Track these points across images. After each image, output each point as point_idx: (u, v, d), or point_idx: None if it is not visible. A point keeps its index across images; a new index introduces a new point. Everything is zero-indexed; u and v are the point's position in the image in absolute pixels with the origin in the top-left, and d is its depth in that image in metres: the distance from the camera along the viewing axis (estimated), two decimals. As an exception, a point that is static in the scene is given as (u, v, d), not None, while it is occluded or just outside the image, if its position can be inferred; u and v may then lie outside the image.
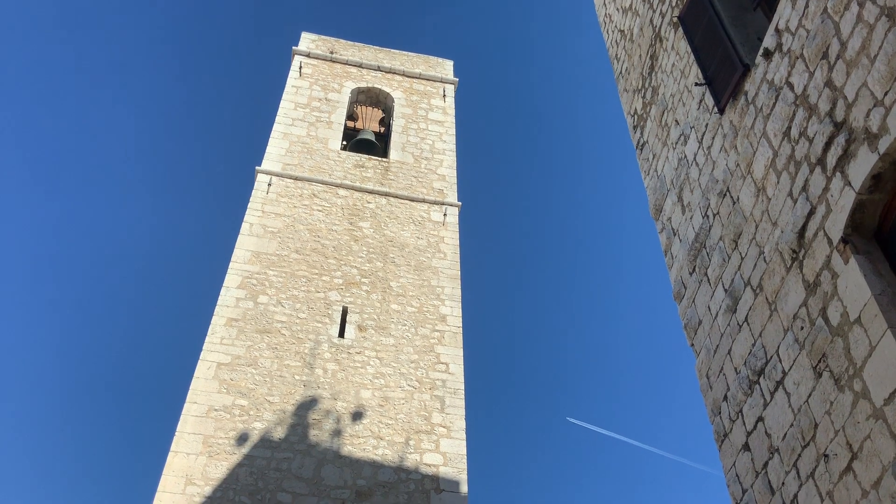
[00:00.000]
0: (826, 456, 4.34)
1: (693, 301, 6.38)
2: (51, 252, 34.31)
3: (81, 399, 31.83)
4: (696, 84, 6.52)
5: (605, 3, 9.44)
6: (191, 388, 11.81)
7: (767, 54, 5.44)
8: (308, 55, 18.74)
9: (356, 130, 18.15)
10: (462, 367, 13.27)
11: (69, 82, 36.57)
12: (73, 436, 30.35)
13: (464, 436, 12.27)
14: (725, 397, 5.71)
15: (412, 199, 16.05)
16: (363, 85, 18.71)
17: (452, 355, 13.40)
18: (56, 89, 36.19)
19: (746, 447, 5.35)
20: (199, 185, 37.69)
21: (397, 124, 17.93)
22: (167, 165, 37.67)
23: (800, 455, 4.63)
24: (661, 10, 7.53)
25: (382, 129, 18.56)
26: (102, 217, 35.78)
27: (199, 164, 38.06)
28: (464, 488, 11.58)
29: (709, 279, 6.11)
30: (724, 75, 6.00)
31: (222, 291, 13.23)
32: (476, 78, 41.00)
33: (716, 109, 6.18)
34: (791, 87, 5.07)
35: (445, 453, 11.97)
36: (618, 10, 8.91)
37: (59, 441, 29.96)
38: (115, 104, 37.43)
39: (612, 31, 9.08)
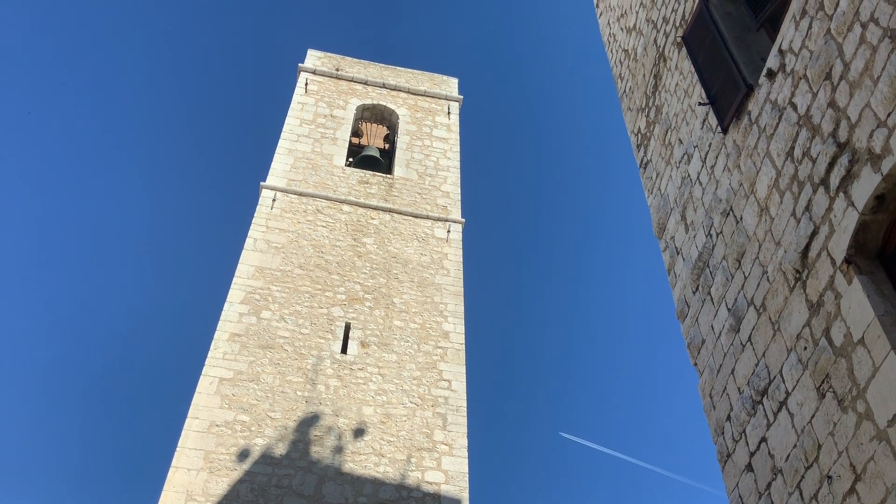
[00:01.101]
0: (829, 477, 4.32)
1: (696, 320, 6.36)
2: (53, 264, 34.38)
3: (82, 413, 31.77)
4: (700, 103, 6.54)
5: (609, 23, 9.49)
6: (192, 403, 11.79)
7: (771, 75, 5.46)
8: (314, 72, 18.85)
9: (361, 147, 18.21)
10: (464, 384, 13.23)
11: (74, 95, 36.80)
12: (73, 450, 30.28)
13: (466, 454, 12.21)
14: (729, 417, 5.68)
15: (416, 216, 16.08)
16: (368, 102, 18.80)
17: (455, 372, 13.36)
18: (62, 104, 36.42)
19: (750, 468, 5.32)
20: (204, 201, 37.83)
21: (402, 141, 18.00)
22: (172, 180, 37.83)
23: (803, 476, 4.60)
24: (664, 30, 7.57)
25: (387, 146, 18.63)
26: (106, 231, 35.89)
27: (204, 179, 38.22)
28: (465, 507, 11.51)
29: (712, 298, 6.10)
30: (727, 95, 6.02)
31: (225, 306, 13.24)
32: (481, 95, 41.19)
33: (719, 129, 6.19)
34: (794, 107, 5.08)
35: (447, 471, 11.91)
36: (622, 29, 8.96)
37: (60, 456, 29.89)
38: (120, 120, 37.66)
39: (617, 51, 9.13)
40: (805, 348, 4.68)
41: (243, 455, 11.35)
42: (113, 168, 36.69)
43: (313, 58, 19.35)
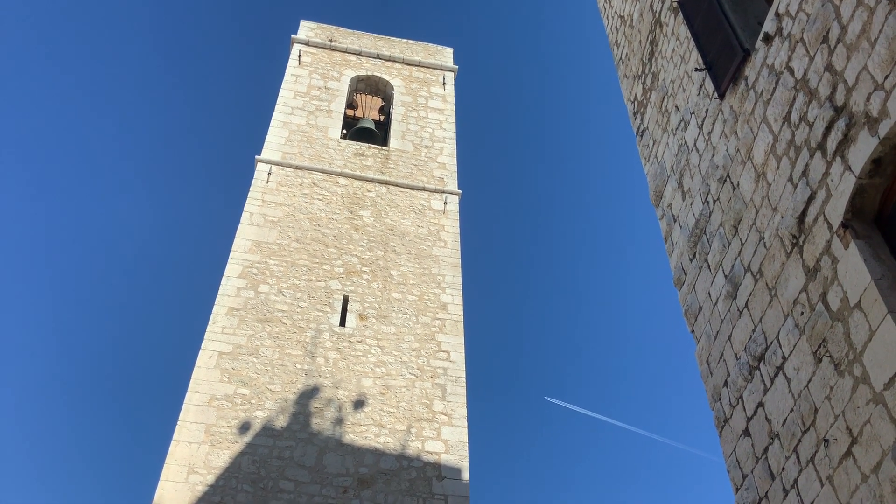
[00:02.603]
0: (826, 441, 4.35)
1: (693, 287, 6.37)
2: (51, 243, 34.35)
3: (84, 390, 31.93)
4: (697, 69, 6.49)
5: (604, -11, 9.38)
6: (192, 377, 11.84)
7: (767, 39, 5.41)
8: (307, 43, 18.67)
9: (356, 119, 18.10)
10: (463, 355, 13.28)
11: (67, 71, 36.49)
12: (76, 426, 30.47)
13: (465, 423, 12.30)
14: (726, 383, 5.71)
15: (412, 188, 16.03)
16: (362, 73, 18.64)
17: (453, 343, 13.41)
18: (54, 78, 36.12)
19: (747, 433, 5.36)
20: (199, 175, 37.68)
21: (397, 112, 17.88)
22: (167, 156, 37.65)
23: (800, 440, 4.64)
24: (660, -5, 7.49)
25: (382, 118, 18.51)
26: (103, 208, 35.79)
27: (198, 153, 38.04)
28: (465, 475, 11.62)
29: (709, 265, 6.10)
30: (724, 60, 5.97)
31: (223, 281, 13.24)
32: (476, 65, 40.89)
33: (716, 95, 6.15)
34: (791, 71, 5.04)
35: (447, 441, 12.00)
36: (617, -5, 8.86)
37: (62, 432, 30.09)
38: (114, 94, 37.37)
39: (612, 17, 9.04)
40: (802, 313, 4.69)
41: (244, 428, 11.42)
42: (106, 145, 36.49)
43: (306, 29, 19.15)
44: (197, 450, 11.04)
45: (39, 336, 32.02)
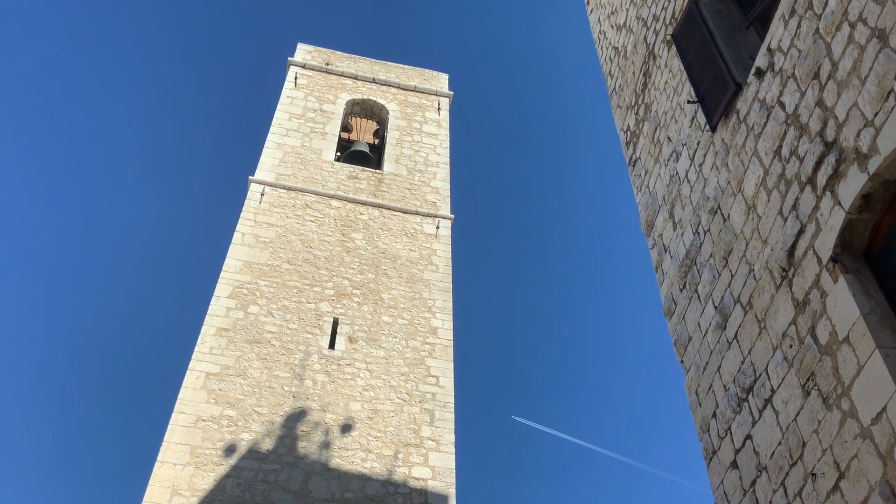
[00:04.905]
0: (814, 475, 4.34)
1: (683, 318, 6.38)
2: (41, 257, 34.16)
3: (68, 407, 31.61)
4: (689, 102, 6.55)
5: (599, 20, 9.49)
6: (179, 397, 11.74)
7: (759, 73, 5.48)
8: (303, 66, 18.77)
9: (350, 142, 18.16)
10: (452, 380, 13.23)
11: (67, 89, 36.53)
12: (59, 444, 30.12)
13: (453, 449, 12.22)
14: (714, 414, 5.70)
15: (405, 212, 16.05)
16: (358, 97, 18.74)
17: (443, 368, 13.36)
18: (55, 96, 36.14)
19: (735, 465, 5.34)
20: (192, 194, 37.65)
21: (391, 136, 17.95)
22: (160, 174, 37.62)
23: (787, 474, 4.62)
24: (654, 27, 7.58)
25: (377, 141, 18.58)
26: (95, 224, 35.67)
27: (192, 172, 38.05)
28: (452, 502, 11.52)
29: (699, 296, 6.11)
30: (716, 93, 6.03)
31: (212, 301, 13.17)
32: (471, 91, 41.16)
33: (708, 127, 6.20)
34: (782, 106, 5.10)
35: (434, 467, 11.91)
36: (612, 27, 8.96)
37: (45, 449, 29.72)
38: (109, 113, 37.40)
39: (607, 48, 9.13)
40: (791, 346, 4.69)
41: (230, 450, 11.31)
42: (101, 163, 36.47)
43: (303, 52, 19.27)
44: (181, 471, 10.92)
45: (26, 353, 31.75)
